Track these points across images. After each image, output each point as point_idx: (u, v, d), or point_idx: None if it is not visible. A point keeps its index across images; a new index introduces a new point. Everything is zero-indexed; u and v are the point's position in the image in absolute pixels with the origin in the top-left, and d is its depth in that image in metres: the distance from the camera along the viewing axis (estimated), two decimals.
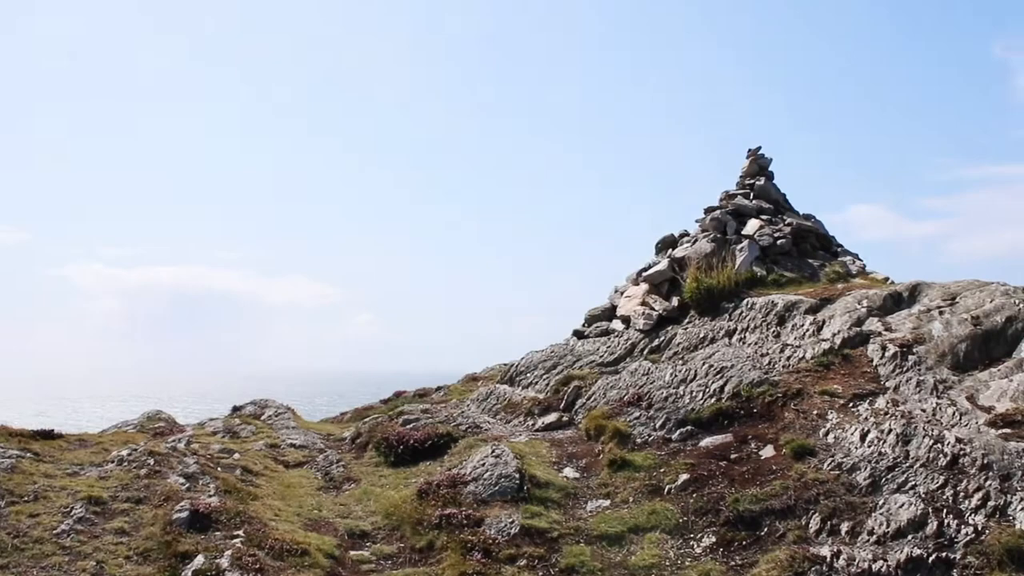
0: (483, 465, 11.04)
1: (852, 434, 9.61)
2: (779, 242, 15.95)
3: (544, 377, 16.41)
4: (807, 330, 12.93)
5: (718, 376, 12.03)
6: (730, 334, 14.11)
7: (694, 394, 11.91)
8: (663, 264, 16.46)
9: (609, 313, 17.54)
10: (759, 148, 18.12)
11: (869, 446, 9.28)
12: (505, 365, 34.22)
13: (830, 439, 9.78)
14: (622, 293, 17.69)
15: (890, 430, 9.36)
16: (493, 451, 11.40)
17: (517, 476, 10.62)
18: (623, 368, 14.95)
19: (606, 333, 16.95)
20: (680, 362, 13.28)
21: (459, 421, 14.46)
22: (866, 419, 9.94)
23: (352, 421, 26.25)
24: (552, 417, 14.03)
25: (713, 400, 11.59)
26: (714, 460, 10.44)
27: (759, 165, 18.15)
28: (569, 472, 11.30)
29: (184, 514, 9.31)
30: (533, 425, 14.16)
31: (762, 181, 17.74)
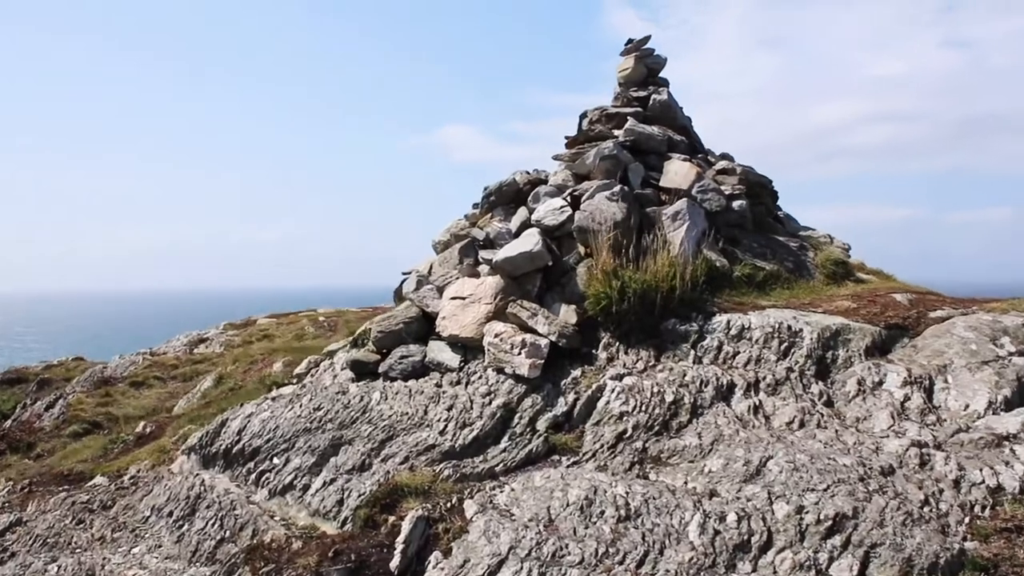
0: None
1: None
2: (735, 205, 9.79)
3: (318, 472, 8.62)
4: (905, 399, 7.05)
5: (835, 538, 5.60)
6: (724, 394, 7.74)
7: None
8: (532, 241, 9.40)
9: (420, 328, 10.08)
10: (646, 39, 11.61)
11: None
12: (100, 366, 23.69)
13: None
14: (441, 289, 10.28)
15: None
16: None
17: None
18: (507, 469, 7.88)
19: (424, 371, 9.54)
20: (691, 478, 6.57)
21: None
22: None
23: None
24: None
25: None
26: None
27: (647, 67, 11.69)
28: None
29: None
30: None
31: (663, 95, 11.32)
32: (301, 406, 9.83)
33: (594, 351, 8.83)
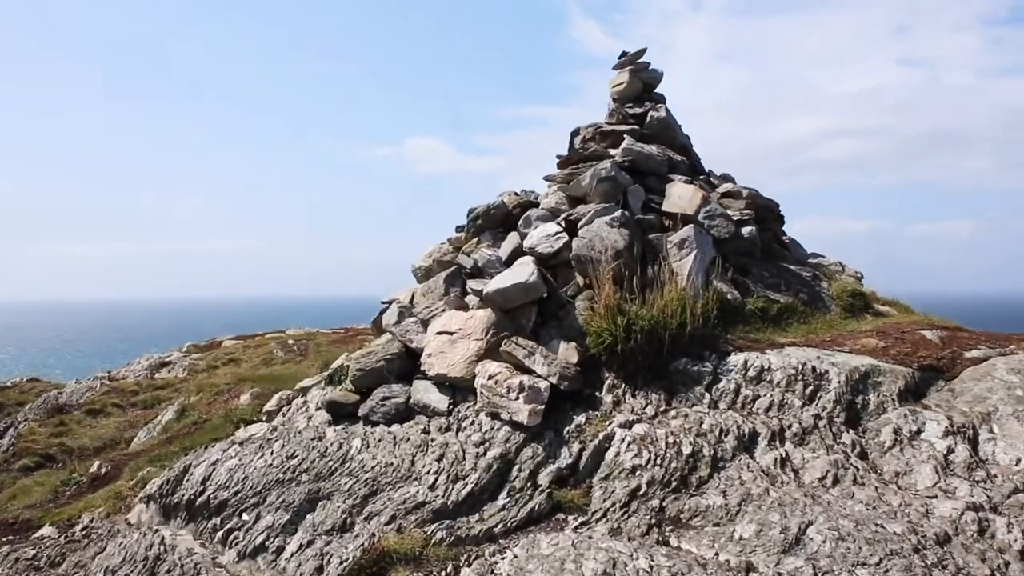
0: None
1: None
2: (744, 231, 9.13)
3: (293, 532, 7.78)
4: (948, 452, 6.41)
5: None
6: (746, 445, 7.04)
7: None
8: (527, 271, 8.67)
9: (404, 365, 9.29)
10: (642, 52, 10.95)
11: None
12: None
13: None
14: (425, 322, 9.49)
15: None
16: None
17: None
18: (507, 530, 7.12)
19: (409, 415, 8.75)
20: (720, 546, 5.85)
21: None
22: None
23: None
24: None
25: None
26: None
27: (643, 82, 11.02)
28: None
29: None
30: None
31: (660, 112, 10.67)
32: (272, 453, 8.96)
33: (597, 393, 8.09)
